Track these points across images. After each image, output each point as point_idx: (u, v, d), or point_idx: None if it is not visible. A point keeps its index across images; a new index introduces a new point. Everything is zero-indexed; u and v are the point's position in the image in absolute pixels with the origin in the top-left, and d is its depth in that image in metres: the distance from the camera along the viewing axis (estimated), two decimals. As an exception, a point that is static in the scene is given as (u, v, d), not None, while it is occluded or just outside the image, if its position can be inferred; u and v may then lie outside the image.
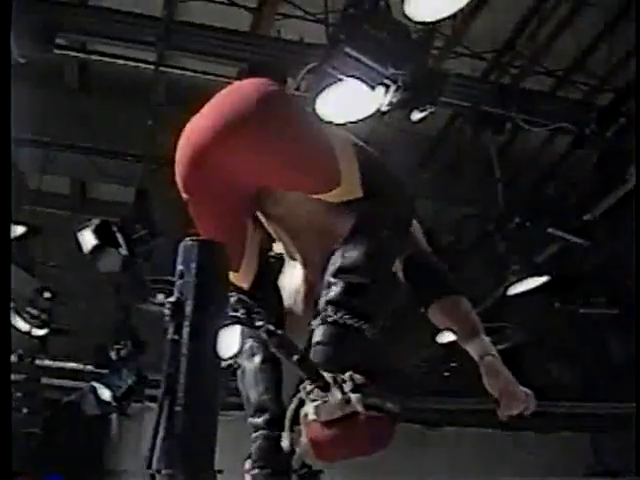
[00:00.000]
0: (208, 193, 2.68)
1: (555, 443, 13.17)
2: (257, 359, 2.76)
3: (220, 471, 2.06)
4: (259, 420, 2.68)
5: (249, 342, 2.80)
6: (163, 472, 1.86)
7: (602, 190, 7.65)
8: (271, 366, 2.72)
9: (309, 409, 2.30)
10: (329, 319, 2.41)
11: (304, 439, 2.30)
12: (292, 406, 2.35)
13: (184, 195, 2.70)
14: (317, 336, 2.42)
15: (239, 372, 2.79)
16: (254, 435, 2.69)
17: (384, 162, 2.79)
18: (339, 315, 2.40)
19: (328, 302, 2.44)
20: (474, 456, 12.52)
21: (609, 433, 13.28)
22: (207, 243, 1.96)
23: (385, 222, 2.60)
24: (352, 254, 2.51)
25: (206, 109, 2.66)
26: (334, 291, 2.46)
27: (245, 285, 2.81)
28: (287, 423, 2.36)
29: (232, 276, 2.67)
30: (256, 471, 2.63)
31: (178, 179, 2.69)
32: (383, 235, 2.57)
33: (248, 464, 2.69)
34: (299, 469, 2.51)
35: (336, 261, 2.53)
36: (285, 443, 2.34)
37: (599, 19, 7.51)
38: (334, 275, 2.50)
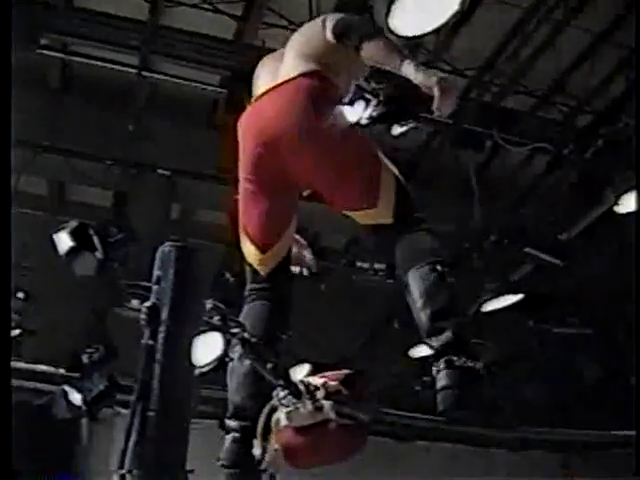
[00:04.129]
0: (267, 182, 3.02)
1: (525, 461, 13.17)
2: (247, 361, 2.79)
3: (191, 471, 2.06)
4: (234, 424, 2.70)
5: None
6: (134, 472, 1.86)
7: (579, 211, 7.71)
8: None
9: (281, 415, 2.32)
10: (456, 363, 2.53)
11: (275, 445, 2.31)
12: (264, 413, 2.36)
13: (247, 176, 3.05)
14: (444, 380, 2.53)
15: (229, 368, 2.83)
16: (227, 436, 2.71)
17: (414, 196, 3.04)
18: (462, 359, 2.54)
19: (445, 345, 2.57)
20: (443, 471, 12.49)
21: (579, 453, 13.30)
22: (185, 249, 1.97)
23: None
24: (438, 298, 2.70)
25: (272, 104, 3.01)
26: (447, 335, 2.59)
27: (263, 270, 3.03)
28: (259, 430, 2.37)
29: (254, 259, 3.03)
30: (224, 471, 2.65)
31: (245, 163, 3.05)
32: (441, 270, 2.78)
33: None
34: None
35: (426, 306, 2.69)
36: (257, 451, 2.35)
37: (579, 41, 7.57)
38: (434, 319, 2.64)
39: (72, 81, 7.94)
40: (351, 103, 5.51)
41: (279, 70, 3.13)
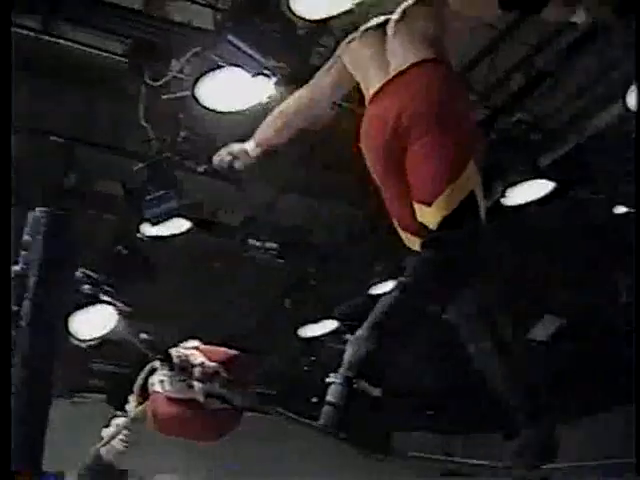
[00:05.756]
0: (387, 168, 2.94)
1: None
2: None
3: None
4: None
5: None
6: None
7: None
8: None
9: (156, 380, 2.32)
10: (354, 385, 2.43)
11: (147, 406, 2.33)
12: (143, 373, 2.37)
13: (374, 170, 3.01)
14: (334, 396, 2.45)
15: None
16: None
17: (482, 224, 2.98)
18: (361, 383, 2.44)
19: (354, 362, 2.47)
20: (337, 450, 12.59)
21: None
22: (56, 216, 1.94)
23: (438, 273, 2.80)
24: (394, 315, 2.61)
25: (399, 96, 2.90)
26: (363, 351, 2.48)
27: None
28: (136, 388, 2.38)
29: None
30: None
31: (371, 160, 3.00)
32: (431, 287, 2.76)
33: None
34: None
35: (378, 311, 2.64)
36: (130, 406, 2.36)
37: (482, 37, 7.69)
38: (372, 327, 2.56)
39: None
40: (254, 76, 5.53)
41: (388, 61, 2.99)
